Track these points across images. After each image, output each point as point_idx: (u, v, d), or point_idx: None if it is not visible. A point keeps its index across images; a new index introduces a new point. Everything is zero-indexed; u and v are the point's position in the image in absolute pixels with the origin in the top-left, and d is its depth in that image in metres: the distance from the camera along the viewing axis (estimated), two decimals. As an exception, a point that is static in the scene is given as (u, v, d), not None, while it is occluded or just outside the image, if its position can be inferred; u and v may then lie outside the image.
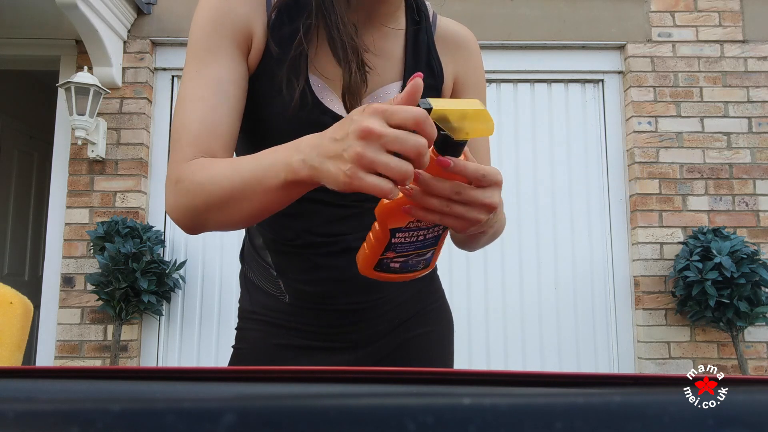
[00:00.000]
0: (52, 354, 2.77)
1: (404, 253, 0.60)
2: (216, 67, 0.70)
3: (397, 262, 0.61)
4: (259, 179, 0.59)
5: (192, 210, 0.66)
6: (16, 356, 0.83)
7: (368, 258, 0.61)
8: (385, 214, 0.57)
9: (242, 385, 0.27)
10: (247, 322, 0.89)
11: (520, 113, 3.06)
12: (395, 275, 0.63)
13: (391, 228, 0.57)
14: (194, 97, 0.69)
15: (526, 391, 0.27)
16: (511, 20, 3.02)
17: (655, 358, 2.77)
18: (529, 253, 2.96)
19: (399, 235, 0.58)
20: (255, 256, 0.88)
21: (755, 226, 2.86)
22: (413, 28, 0.81)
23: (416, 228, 0.58)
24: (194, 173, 0.65)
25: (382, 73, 0.78)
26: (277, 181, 0.58)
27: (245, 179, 0.60)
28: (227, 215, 0.64)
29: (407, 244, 0.59)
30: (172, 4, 2.96)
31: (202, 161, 0.66)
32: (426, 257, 0.63)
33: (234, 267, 2.92)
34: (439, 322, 0.92)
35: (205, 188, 0.64)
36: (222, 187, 0.62)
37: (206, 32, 0.71)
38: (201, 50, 0.71)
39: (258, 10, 0.74)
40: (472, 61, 0.86)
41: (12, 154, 4.02)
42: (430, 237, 0.60)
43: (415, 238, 0.59)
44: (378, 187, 0.49)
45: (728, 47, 2.99)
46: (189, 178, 0.65)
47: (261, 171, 0.59)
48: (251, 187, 0.60)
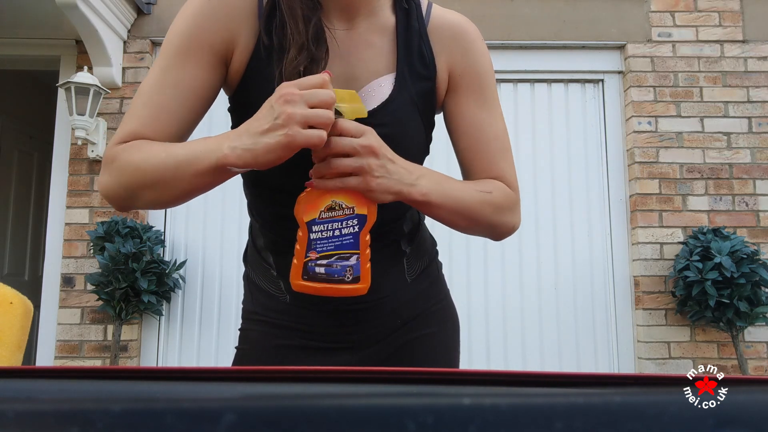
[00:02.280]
0: (52, 354, 2.77)
1: (325, 253, 0.66)
2: (180, 72, 0.72)
3: (321, 266, 0.66)
4: (191, 163, 0.65)
5: (125, 187, 0.70)
6: (16, 356, 0.83)
7: (296, 267, 0.67)
8: (300, 209, 0.66)
9: (242, 385, 0.27)
10: (249, 322, 0.90)
11: (520, 113, 3.06)
12: (324, 284, 0.67)
13: (307, 221, 0.66)
14: (150, 95, 0.72)
15: (526, 391, 0.27)
16: (511, 20, 3.02)
17: (655, 358, 2.77)
18: (529, 253, 2.96)
19: (315, 229, 0.66)
20: (257, 257, 0.88)
21: (755, 226, 2.86)
22: (403, 19, 0.79)
23: (330, 219, 0.65)
24: (130, 154, 0.69)
25: (373, 66, 0.77)
26: (207, 165, 0.64)
27: (178, 162, 0.65)
28: (158, 194, 0.68)
29: (325, 240, 0.66)
30: (172, 4, 2.96)
31: (138, 143, 0.70)
32: (351, 263, 0.67)
33: (234, 267, 2.92)
34: (444, 322, 0.91)
35: (139, 168, 0.67)
36: (155, 168, 0.66)
37: (183, 34, 0.72)
38: (172, 51, 0.72)
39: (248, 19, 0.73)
40: (471, 52, 0.81)
41: (12, 154, 4.02)
42: (347, 233, 0.66)
43: (331, 233, 0.66)
44: (315, 136, 0.59)
45: (728, 47, 2.99)
46: (124, 158, 0.69)
47: (193, 156, 0.65)
48: (183, 170, 0.65)
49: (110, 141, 0.72)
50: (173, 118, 0.71)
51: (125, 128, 0.71)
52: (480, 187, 0.77)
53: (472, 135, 0.81)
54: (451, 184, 0.74)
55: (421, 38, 0.79)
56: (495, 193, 0.78)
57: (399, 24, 0.79)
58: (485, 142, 0.81)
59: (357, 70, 0.77)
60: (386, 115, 0.75)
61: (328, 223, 0.66)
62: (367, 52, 0.77)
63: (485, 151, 0.81)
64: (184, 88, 0.72)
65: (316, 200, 0.66)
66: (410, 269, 0.87)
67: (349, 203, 0.66)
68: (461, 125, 0.81)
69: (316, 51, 0.70)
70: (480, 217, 0.76)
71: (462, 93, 0.81)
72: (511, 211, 0.80)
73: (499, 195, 0.78)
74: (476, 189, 0.76)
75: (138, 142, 0.70)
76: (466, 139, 0.81)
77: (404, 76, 0.77)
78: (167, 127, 0.71)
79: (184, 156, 0.65)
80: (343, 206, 0.66)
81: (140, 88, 0.73)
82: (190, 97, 0.72)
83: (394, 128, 0.75)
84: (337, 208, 0.66)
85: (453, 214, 0.74)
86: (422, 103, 0.79)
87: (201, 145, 0.65)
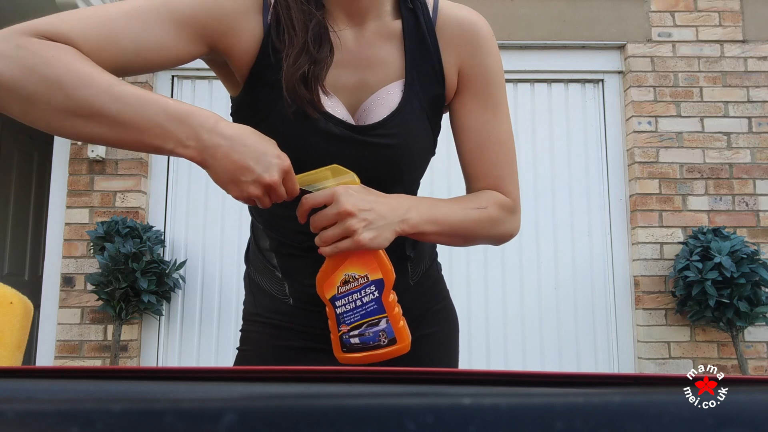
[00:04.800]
0: (52, 354, 2.77)
1: (354, 324, 0.68)
2: (158, 23, 0.64)
3: (354, 336, 0.68)
4: (140, 129, 0.56)
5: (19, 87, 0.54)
6: (16, 356, 0.83)
7: (335, 342, 0.70)
8: (320, 288, 0.69)
9: (242, 385, 0.27)
10: (250, 324, 0.89)
11: (520, 113, 3.06)
12: (363, 353, 0.69)
13: (329, 298, 0.68)
14: (111, 15, 0.61)
15: (526, 391, 0.27)
16: (511, 20, 3.02)
17: (655, 358, 2.77)
18: (529, 253, 2.96)
19: (338, 304, 0.68)
20: (260, 258, 0.87)
21: (755, 226, 2.86)
22: (411, 21, 0.76)
23: (348, 292, 0.68)
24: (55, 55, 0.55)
25: (382, 73, 0.75)
26: (157, 143, 0.57)
27: (121, 115, 0.55)
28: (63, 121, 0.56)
29: (350, 312, 0.68)
30: (172, 4, 2.96)
31: (78, 54, 0.57)
32: (382, 327, 0.68)
33: (234, 267, 2.92)
34: (444, 323, 0.91)
35: (60, 79, 0.54)
36: (85, 98, 0.55)
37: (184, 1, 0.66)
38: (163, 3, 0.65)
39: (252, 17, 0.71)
40: (480, 51, 0.78)
41: (12, 154, 4.01)
42: (368, 300, 0.68)
43: (354, 304, 0.68)
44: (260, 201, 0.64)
45: (728, 47, 2.99)
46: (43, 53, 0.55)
47: (146, 124, 0.56)
48: (122, 126, 0.56)
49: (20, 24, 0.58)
50: (118, 56, 0.61)
51: (57, 25, 0.58)
52: (474, 204, 0.76)
53: (476, 138, 0.79)
54: (442, 210, 0.73)
55: (429, 40, 0.76)
56: (490, 208, 0.77)
57: (406, 26, 0.76)
58: (488, 146, 0.79)
59: (367, 77, 0.75)
60: (395, 125, 0.74)
61: (348, 296, 0.68)
62: (375, 57, 0.75)
63: (488, 155, 0.79)
64: (152, 37, 0.63)
65: (331, 276, 0.69)
66: (413, 273, 0.87)
67: (361, 272, 0.68)
68: (466, 126, 0.80)
69: (317, 53, 0.68)
70: (477, 235, 0.77)
71: (469, 93, 0.79)
72: (508, 221, 0.80)
73: (494, 209, 0.77)
74: (470, 207, 0.75)
75: (73, 51, 0.57)
76: (470, 141, 0.80)
77: (413, 83, 0.76)
78: (106, 60, 0.60)
79: (135, 115, 0.56)
80: (357, 276, 0.68)
81: (104, 5, 0.63)
82: (150, 49, 0.63)
83: (402, 138, 0.74)
84: (351, 280, 0.68)
85: (449, 238, 0.75)
86: (431, 109, 0.78)
87: (160, 117, 0.57)
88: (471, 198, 0.78)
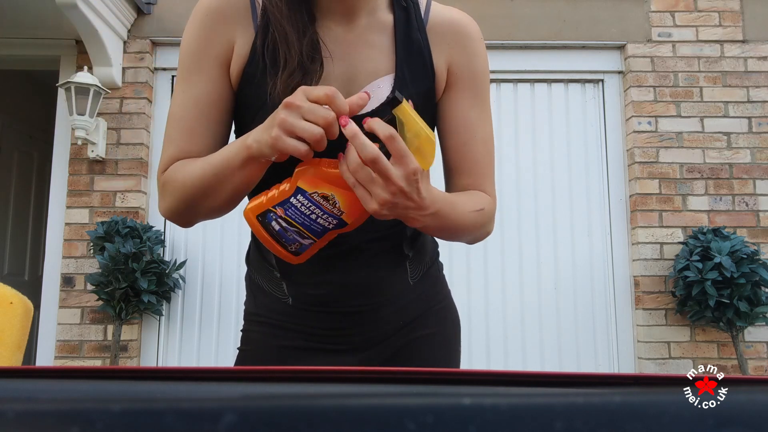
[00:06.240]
0: (52, 354, 2.77)
1: (290, 219, 0.66)
2: (196, 89, 0.75)
3: (279, 224, 0.66)
4: (227, 163, 0.68)
5: (180, 205, 0.74)
6: (16, 356, 0.83)
7: (261, 204, 0.67)
8: (302, 171, 0.65)
9: (242, 385, 0.27)
10: (251, 324, 0.90)
11: (520, 113, 3.06)
12: (268, 237, 0.68)
13: (299, 186, 0.64)
14: (177, 118, 0.76)
15: (526, 391, 0.27)
16: (511, 20, 3.02)
17: (655, 358, 2.77)
18: (529, 253, 2.96)
19: (300, 198, 0.65)
20: (260, 259, 0.88)
21: (755, 226, 2.86)
22: (402, 18, 0.78)
23: (316, 202, 0.65)
24: (175, 175, 0.74)
25: (372, 67, 0.76)
26: (239, 161, 0.66)
27: (215, 167, 0.69)
28: (210, 201, 0.72)
29: (299, 212, 0.65)
30: (172, 4, 2.96)
31: (179, 163, 0.75)
32: (304, 242, 0.67)
33: (234, 267, 2.92)
34: (445, 322, 0.91)
35: (186, 184, 0.72)
36: (200, 179, 0.71)
37: (191, 52, 0.76)
38: (186, 70, 0.76)
39: (242, 22, 0.75)
40: (469, 50, 0.80)
41: (12, 154, 4.01)
42: (320, 222, 0.65)
43: (309, 212, 0.65)
44: (295, 148, 0.60)
45: (728, 47, 2.99)
46: (171, 180, 0.74)
47: (227, 158, 0.68)
48: (222, 172, 0.69)
49: (157, 171, 0.78)
50: (203, 134, 0.76)
51: (165, 155, 0.77)
52: (474, 207, 0.77)
53: (462, 135, 0.80)
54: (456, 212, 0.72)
55: (421, 37, 0.78)
56: (485, 209, 0.78)
57: (398, 23, 0.78)
58: (474, 144, 0.81)
59: (356, 70, 0.76)
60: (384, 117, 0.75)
61: (313, 204, 0.65)
62: (366, 51, 0.76)
63: (472, 153, 0.81)
64: (204, 104, 0.75)
65: (320, 179, 0.64)
66: (413, 272, 0.87)
67: (343, 207, 0.65)
68: (452, 124, 0.81)
69: (310, 66, 0.71)
70: (468, 234, 0.78)
71: (458, 91, 0.80)
72: (491, 223, 0.82)
73: (487, 211, 0.79)
74: (471, 210, 0.76)
75: (179, 163, 0.74)
76: (456, 138, 0.81)
77: (404, 77, 0.77)
78: (201, 143, 0.75)
79: (220, 161, 0.69)
80: (336, 205, 0.65)
81: (169, 113, 0.78)
82: (212, 111, 0.76)
83: None
84: (330, 201, 0.65)
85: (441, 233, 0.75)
86: (422, 102, 0.78)
87: (232, 146, 0.69)
88: (470, 199, 0.79)
